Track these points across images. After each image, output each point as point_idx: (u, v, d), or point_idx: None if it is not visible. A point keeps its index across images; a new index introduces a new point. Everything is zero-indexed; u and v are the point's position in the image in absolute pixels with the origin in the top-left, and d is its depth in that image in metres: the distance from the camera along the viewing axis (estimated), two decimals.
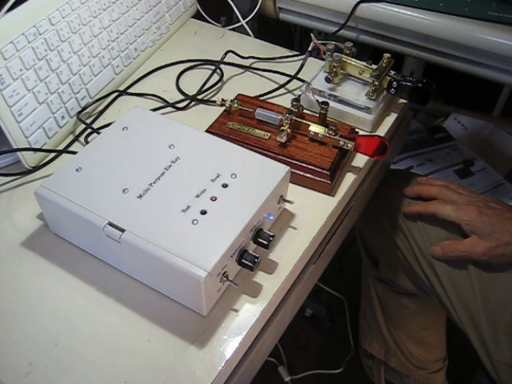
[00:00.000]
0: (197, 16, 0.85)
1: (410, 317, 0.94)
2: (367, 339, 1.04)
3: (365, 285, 0.99)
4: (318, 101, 0.62)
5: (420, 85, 0.62)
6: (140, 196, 0.48)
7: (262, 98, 0.69)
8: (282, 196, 0.53)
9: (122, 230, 0.46)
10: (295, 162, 0.58)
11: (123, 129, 0.55)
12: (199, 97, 0.69)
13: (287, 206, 0.55)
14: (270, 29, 0.94)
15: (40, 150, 0.60)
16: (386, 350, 1.00)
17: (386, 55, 0.65)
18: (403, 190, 0.75)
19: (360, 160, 0.61)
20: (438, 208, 0.68)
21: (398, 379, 1.05)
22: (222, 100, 0.63)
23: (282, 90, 0.71)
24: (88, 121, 0.66)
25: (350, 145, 0.57)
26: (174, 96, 0.70)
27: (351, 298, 1.22)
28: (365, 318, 1.03)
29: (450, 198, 0.69)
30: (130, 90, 0.71)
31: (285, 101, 0.67)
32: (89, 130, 0.65)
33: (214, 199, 0.48)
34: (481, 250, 0.64)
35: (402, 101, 0.68)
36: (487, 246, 0.64)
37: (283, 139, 0.59)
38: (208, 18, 0.85)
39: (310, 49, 0.69)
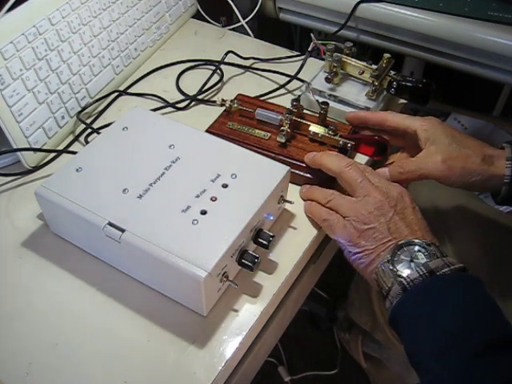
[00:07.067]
0: (197, 16, 0.85)
1: None
2: (355, 311, 1.01)
3: None
4: (317, 101, 0.62)
5: (420, 85, 0.62)
6: (140, 196, 0.48)
7: (262, 98, 0.69)
8: (282, 196, 0.53)
9: (122, 230, 0.46)
10: (295, 162, 0.58)
11: (123, 129, 0.55)
12: (199, 97, 0.69)
13: (287, 206, 0.55)
14: (270, 29, 0.94)
15: (40, 150, 0.60)
16: (372, 324, 0.98)
17: (386, 55, 0.65)
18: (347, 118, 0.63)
19: (360, 160, 0.61)
20: (387, 116, 0.59)
21: (377, 351, 1.03)
22: (222, 100, 0.63)
23: (282, 90, 0.71)
24: (88, 121, 0.66)
25: (350, 145, 0.57)
26: (174, 96, 0.70)
27: None
28: (356, 290, 0.99)
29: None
30: (130, 90, 0.71)
31: (285, 101, 0.67)
32: (89, 130, 0.65)
33: (214, 199, 0.48)
34: (439, 159, 0.55)
35: (402, 101, 0.68)
36: (447, 155, 0.55)
37: (283, 139, 0.59)
38: (208, 18, 0.85)
39: (310, 49, 0.69)
